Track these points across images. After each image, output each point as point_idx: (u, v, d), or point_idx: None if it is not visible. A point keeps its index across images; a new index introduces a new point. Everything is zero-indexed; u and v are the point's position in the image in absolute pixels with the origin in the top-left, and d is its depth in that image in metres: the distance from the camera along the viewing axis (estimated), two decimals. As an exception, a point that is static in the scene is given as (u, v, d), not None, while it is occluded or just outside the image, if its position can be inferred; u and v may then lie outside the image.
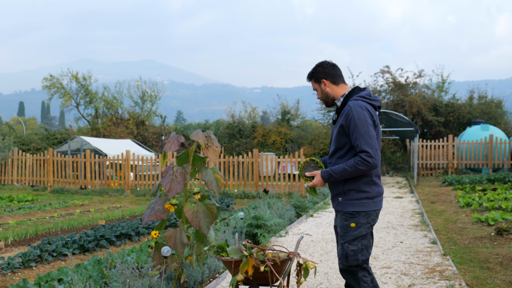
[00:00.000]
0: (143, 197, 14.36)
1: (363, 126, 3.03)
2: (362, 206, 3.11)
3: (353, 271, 3.14)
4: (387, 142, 23.80)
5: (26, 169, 17.52)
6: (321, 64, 3.33)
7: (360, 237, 3.13)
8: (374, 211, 3.15)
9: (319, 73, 3.31)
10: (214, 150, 4.07)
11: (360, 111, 3.07)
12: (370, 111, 3.12)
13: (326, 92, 3.31)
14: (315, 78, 3.33)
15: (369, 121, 3.06)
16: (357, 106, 3.09)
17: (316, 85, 3.35)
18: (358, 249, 3.11)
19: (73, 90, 29.70)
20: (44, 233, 7.90)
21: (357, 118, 3.05)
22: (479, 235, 6.89)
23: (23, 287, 4.19)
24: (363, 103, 3.12)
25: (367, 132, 3.03)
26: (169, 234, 4.01)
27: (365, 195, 3.12)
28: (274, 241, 6.98)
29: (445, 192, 13.18)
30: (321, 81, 3.30)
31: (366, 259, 3.12)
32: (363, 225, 3.12)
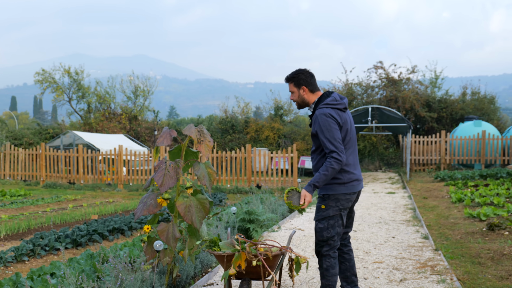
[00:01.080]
0: (136, 192, 14.33)
1: (328, 131, 3.50)
2: (332, 190, 3.59)
3: (320, 244, 3.63)
4: (379, 137, 23.88)
5: (18, 163, 17.41)
6: (302, 71, 3.74)
7: (328, 218, 3.60)
8: (344, 194, 3.60)
9: (300, 79, 3.72)
10: (206, 145, 4.07)
11: (325, 118, 3.53)
12: (334, 116, 3.55)
13: (303, 97, 3.75)
14: (296, 82, 3.74)
15: (333, 125, 3.52)
16: (322, 114, 3.56)
17: (295, 89, 3.75)
18: (324, 227, 3.60)
19: (65, 85, 29.52)
20: (37, 227, 7.87)
21: (322, 125, 3.53)
22: (470, 230, 6.95)
23: (16, 281, 4.18)
24: (327, 110, 3.57)
25: (332, 136, 3.49)
26: (161, 228, 4.01)
27: (337, 181, 3.59)
28: (267, 236, 7.00)
29: (438, 187, 13.26)
30: (301, 87, 3.73)
31: (331, 236, 3.58)
32: (331, 208, 3.59)
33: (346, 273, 3.88)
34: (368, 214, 9.03)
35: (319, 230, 3.62)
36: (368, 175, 19.15)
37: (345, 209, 3.64)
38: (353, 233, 7.16)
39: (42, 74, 29.18)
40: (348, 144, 3.66)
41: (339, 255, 3.88)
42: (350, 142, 3.68)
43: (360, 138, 23.56)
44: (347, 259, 3.88)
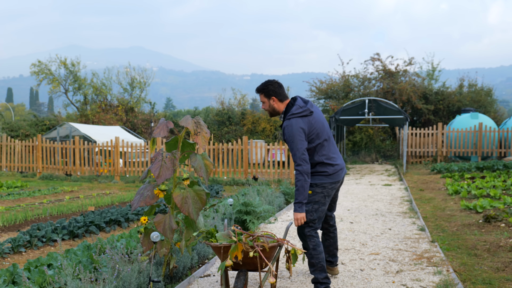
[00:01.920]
0: (133, 184, 14.32)
1: (292, 142, 3.84)
2: (319, 180, 3.95)
3: (303, 228, 3.95)
4: (376, 130, 23.90)
5: (15, 155, 17.36)
6: (271, 83, 4.05)
7: (313, 202, 3.95)
8: (329, 183, 3.97)
9: (270, 91, 4.03)
10: (203, 136, 4.06)
11: (290, 130, 3.86)
12: (301, 126, 3.85)
13: (273, 106, 4.06)
14: (266, 93, 4.05)
15: (297, 137, 3.82)
16: (288, 126, 3.89)
17: (266, 99, 4.07)
18: (309, 210, 3.94)
19: (61, 76, 29.36)
20: (34, 219, 7.86)
21: (288, 136, 3.87)
22: (467, 222, 6.98)
23: (13, 272, 4.17)
24: (293, 121, 3.87)
25: (296, 147, 3.82)
26: (158, 220, 4.01)
27: (324, 173, 3.96)
28: (263, 227, 7.01)
29: (434, 179, 13.30)
30: (271, 97, 4.04)
31: (314, 219, 3.94)
32: (317, 194, 3.95)
33: (329, 248, 4.46)
34: (364, 206, 9.05)
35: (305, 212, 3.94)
36: (364, 167, 19.19)
37: (329, 196, 4.01)
38: (349, 224, 7.19)
39: (38, 66, 29.00)
40: (324, 141, 3.96)
41: (326, 234, 4.41)
42: (326, 138, 3.98)
43: (357, 130, 23.57)
44: (332, 237, 4.43)
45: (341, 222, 7.37)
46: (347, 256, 5.32)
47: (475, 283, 4.23)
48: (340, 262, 5.07)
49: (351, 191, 11.55)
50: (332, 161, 3.98)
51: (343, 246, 5.80)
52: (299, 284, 4.37)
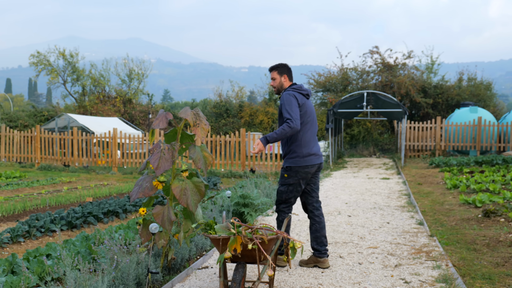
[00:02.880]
0: (130, 175, 14.30)
1: (288, 105, 4.31)
2: (293, 163, 4.41)
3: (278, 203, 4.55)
4: (374, 123, 23.88)
5: (13, 145, 17.33)
6: (285, 64, 4.65)
7: (288, 184, 4.45)
8: (303, 167, 4.40)
9: (284, 69, 4.60)
10: (202, 128, 4.04)
11: (288, 96, 4.36)
12: (296, 97, 4.38)
13: (282, 83, 4.59)
14: (280, 71, 4.59)
15: (293, 102, 4.32)
16: (286, 93, 4.41)
17: (278, 76, 4.59)
18: (284, 191, 4.47)
19: (60, 67, 29.24)
20: (32, 209, 7.85)
21: (285, 100, 4.34)
22: (466, 216, 6.98)
23: (12, 261, 4.17)
24: (292, 91, 4.43)
25: (290, 108, 4.29)
26: (157, 211, 4.00)
27: (296, 155, 4.41)
28: (261, 219, 7.01)
29: (432, 174, 13.31)
30: (283, 75, 4.59)
31: (289, 198, 4.48)
32: (291, 177, 4.43)
33: (316, 234, 4.62)
34: (362, 200, 9.06)
35: (280, 192, 4.50)
36: (362, 161, 19.20)
37: (303, 179, 4.45)
38: (347, 218, 7.19)
39: (37, 57, 28.88)
40: (308, 124, 4.45)
41: (311, 218, 4.67)
42: (310, 122, 4.47)
43: (355, 123, 23.54)
44: (318, 221, 4.63)
45: (339, 216, 7.37)
46: (345, 249, 5.32)
47: (474, 278, 4.23)
48: (338, 255, 5.07)
49: (349, 184, 11.55)
50: (307, 144, 4.43)
51: (341, 239, 5.80)
52: (297, 277, 4.37)
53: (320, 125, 22.64)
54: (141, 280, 3.90)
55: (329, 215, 7.40)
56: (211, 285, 4.16)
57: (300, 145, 4.39)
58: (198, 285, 4.16)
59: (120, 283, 3.72)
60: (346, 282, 4.21)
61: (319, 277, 4.35)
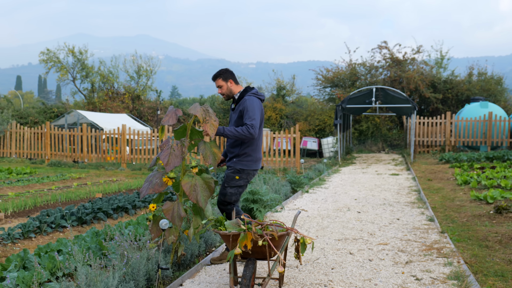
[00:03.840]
0: (139, 171, 14.36)
1: (252, 110, 4.39)
2: (246, 166, 4.51)
3: (225, 205, 4.58)
4: (383, 118, 23.72)
5: (24, 142, 17.47)
6: (226, 69, 4.67)
7: (238, 186, 4.54)
8: (253, 170, 4.57)
9: (227, 74, 4.61)
10: (212, 124, 4.03)
11: (252, 103, 4.43)
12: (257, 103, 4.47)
13: (231, 89, 4.60)
14: (224, 77, 4.59)
15: (257, 110, 4.41)
16: (250, 99, 4.46)
17: (223, 83, 4.60)
18: (233, 193, 4.54)
19: (69, 64, 29.37)
20: (43, 205, 7.91)
21: (249, 105, 4.41)
22: (477, 213, 6.91)
23: (24, 257, 4.20)
24: (255, 98, 4.53)
25: (254, 114, 4.38)
26: (167, 207, 4.00)
27: (250, 159, 4.52)
28: (270, 216, 7.00)
29: (442, 169, 13.21)
30: (228, 80, 4.59)
31: (237, 200, 4.60)
32: (243, 179, 4.55)
33: None
34: (372, 196, 9.02)
35: (229, 194, 4.53)
36: (371, 157, 19.11)
37: (249, 181, 4.64)
38: (357, 214, 7.16)
39: (47, 54, 29.02)
40: (261, 129, 4.58)
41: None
42: (261, 128, 4.58)
43: (364, 119, 23.42)
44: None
45: (348, 212, 7.34)
46: (355, 246, 5.30)
47: (487, 275, 4.19)
48: (348, 251, 5.05)
49: (358, 180, 11.50)
50: (258, 149, 4.63)
51: (351, 235, 5.78)
52: (307, 274, 4.36)
53: (329, 121, 22.56)
54: (151, 276, 3.92)
55: (339, 212, 7.37)
56: (221, 281, 4.16)
57: (255, 149, 4.54)
58: (208, 281, 4.16)
59: (130, 279, 3.74)
60: (356, 278, 4.19)
61: (329, 274, 4.33)
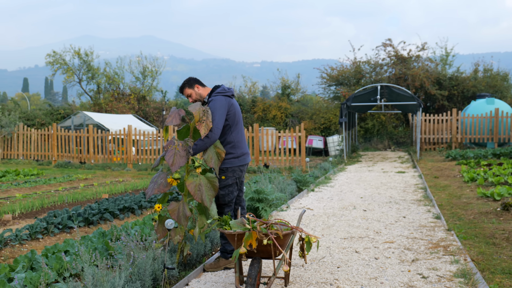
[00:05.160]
0: (145, 172, 14.41)
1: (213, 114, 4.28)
2: (230, 164, 4.41)
3: (222, 206, 4.49)
4: (388, 116, 23.64)
5: (31, 143, 17.60)
6: (189, 78, 4.66)
7: (227, 186, 4.42)
8: (238, 166, 4.46)
9: (191, 81, 4.61)
10: (207, 124, 4.07)
11: (213, 104, 4.33)
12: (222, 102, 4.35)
13: (200, 93, 4.59)
14: (189, 85, 4.58)
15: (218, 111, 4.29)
16: (212, 101, 4.38)
17: (191, 90, 4.58)
18: (225, 193, 4.43)
19: (75, 66, 29.53)
20: (50, 206, 7.96)
21: (212, 107, 4.32)
22: (484, 210, 6.87)
23: (31, 258, 4.23)
24: (218, 97, 4.41)
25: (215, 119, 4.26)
26: (172, 207, 4.02)
27: (232, 156, 4.43)
28: (276, 215, 7.01)
29: (449, 167, 13.15)
30: (194, 86, 4.59)
31: (231, 199, 4.48)
32: (230, 178, 4.43)
33: None
34: (378, 194, 8.99)
35: (222, 196, 4.42)
36: (377, 154, 19.06)
37: (239, 178, 4.53)
38: (362, 212, 7.14)
39: (53, 56, 29.21)
40: (238, 124, 4.52)
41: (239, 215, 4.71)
42: (239, 122, 4.55)
43: (369, 117, 23.35)
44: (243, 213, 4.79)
45: (354, 210, 7.33)
46: (361, 244, 5.29)
47: (494, 272, 4.17)
48: (354, 250, 5.04)
49: (364, 178, 11.48)
50: (239, 144, 4.51)
51: (357, 234, 5.77)
52: (313, 272, 4.36)
53: (334, 119, 22.52)
54: (158, 275, 3.93)
55: (344, 210, 7.36)
56: (226, 280, 4.17)
57: (234, 146, 4.47)
58: (214, 280, 4.17)
59: (137, 279, 3.76)
60: (362, 277, 4.18)
61: (334, 272, 4.33)
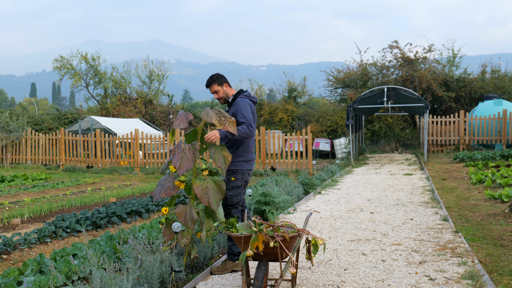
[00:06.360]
0: (152, 175, 14.46)
1: (246, 111, 4.54)
2: (240, 166, 4.57)
3: (229, 208, 4.59)
4: (395, 118, 23.57)
5: (39, 148, 17.73)
6: (220, 74, 4.80)
7: (236, 187, 4.57)
8: (247, 170, 4.63)
9: (221, 78, 4.74)
10: (231, 122, 4.18)
11: (244, 102, 4.59)
12: (250, 105, 4.62)
13: (227, 92, 4.72)
14: (219, 82, 4.70)
15: (249, 109, 4.56)
16: (242, 100, 4.61)
17: (219, 88, 4.70)
18: (234, 194, 4.56)
19: (82, 71, 29.74)
20: (58, 210, 8.02)
21: (242, 106, 4.54)
22: (492, 212, 6.84)
23: (40, 261, 4.27)
24: (247, 99, 4.66)
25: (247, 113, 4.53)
26: (179, 210, 4.04)
27: (243, 159, 4.58)
28: (282, 217, 7.01)
29: (457, 168, 13.08)
30: (224, 84, 4.71)
31: (238, 201, 4.61)
32: (239, 179, 4.57)
33: None
34: (385, 196, 8.97)
35: (230, 197, 4.55)
36: (384, 157, 18.99)
37: (246, 181, 4.67)
38: (370, 215, 7.13)
39: (61, 61, 29.43)
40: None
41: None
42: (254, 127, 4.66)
43: (376, 119, 23.30)
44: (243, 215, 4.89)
45: (361, 212, 7.31)
46: (368, 246, 5.28)
47: (502, 274, 4.15)
48: (361, 252, 5.04)
49: (371, 180, 11.44)
50: (251, 150, 4.73)
51: (364, 236, 5.76)
52: (320, 275, 4.36)
53: (341, 122, 22.48)
54: (165, 278, 3.95)
55: (351, 212, 7.35)
56: (233, 283, 4.18)
57: (247, 150, 4.62)
58: (221, 283, 4.19)
59: (144, 282, 3.78)
60: (369, 279, 4.17)
61: (341, 275, 4.32)
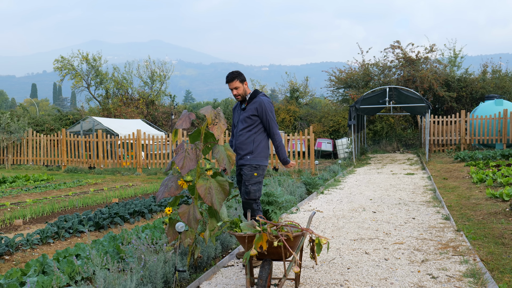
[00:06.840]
0: (155, 176, 14.49)
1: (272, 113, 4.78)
2: (262, 162, 4.80)
3: (251, 203, 4.75)
4: (397, 118, 23.56)
5: (40, 149, 17.76)
6: (240, 72, 4.92)
7: (258, 182, 4.76)
8: (265, 166, 4.87)
9: (243, 76, 4.89)
10: (220, 126, 4.12)
11: (271, 106, 4.79)
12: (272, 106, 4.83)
13: (246, 90, 4.84)
14: (241, 79, 4.83)
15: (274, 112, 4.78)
16: (268, 101, 4.80)
17: (240, 84, 4.82)
18: (257, 189, 4.75)
19: (83, 71, 29.77)
20: (60, 211, 8.04)
21: (269, 108, 4.74)
22: (493, 211, 6.85)
23: (43, 262, 4.28)
24: (269, 99, 4.84)
25: (275, 118, 4.80)
26: (182, 210, 4.06)
27: (264, 154, 4.82)
28: (285, 217, 7.02)
29: (458, 168, 13.09)
30: (244, 82, 4.85)
31: (260, 195, 4.80)
32: (260, 175, 4.78)
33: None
34: (387, 196, 8.98)
35: (253, 191, 4.73)
36: (386, 157, 19.00)
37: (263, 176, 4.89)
38: (372, 214, 7.14)
39: (61, 61, 29.45)
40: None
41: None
42: None
43: (378, 119, 23.29)
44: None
45: (364, 212, 7.33)
46: (370, 245, 5.30)
47: (503, 272, 4.16)
48: (364, 251, 5.05)
49: (373, 180, 11.45)
50: (269, 148, 4.94)
51: (366, 235, 5.77)
52: (323, 274, 4.37)
53: (343, 122, 22.49)
54: (169, 278, 3.97)
55: (354, 212, 7.36)
56: (237, 282, 4.19)
57: (267, 147, 4.89)
58: (225, 282, 4.20)
59: (148, 282, 3.80)
60: (372, 278, 4.19)
61: (345, 274, 4.34)
